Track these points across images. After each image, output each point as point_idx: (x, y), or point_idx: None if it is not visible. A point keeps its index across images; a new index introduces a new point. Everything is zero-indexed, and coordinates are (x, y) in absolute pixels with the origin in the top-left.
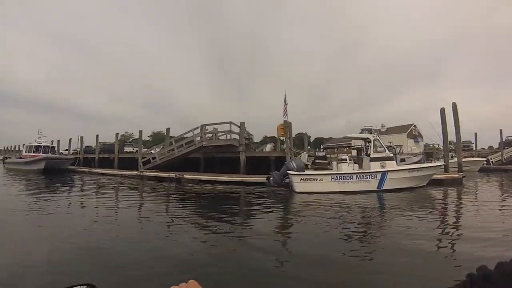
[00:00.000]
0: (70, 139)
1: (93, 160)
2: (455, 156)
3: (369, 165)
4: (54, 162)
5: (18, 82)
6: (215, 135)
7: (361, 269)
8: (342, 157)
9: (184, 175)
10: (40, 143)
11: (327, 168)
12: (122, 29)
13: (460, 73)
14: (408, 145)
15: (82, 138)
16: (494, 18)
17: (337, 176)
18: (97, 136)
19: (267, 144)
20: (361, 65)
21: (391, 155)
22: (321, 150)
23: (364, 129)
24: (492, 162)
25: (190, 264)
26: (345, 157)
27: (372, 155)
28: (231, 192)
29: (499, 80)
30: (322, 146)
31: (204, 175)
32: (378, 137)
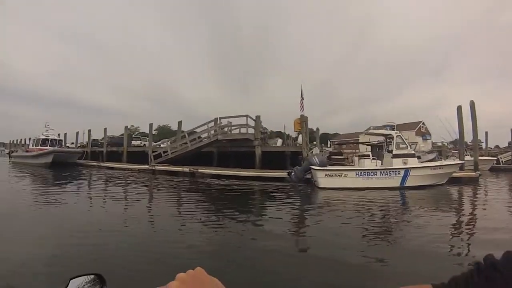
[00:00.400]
0: (77, 132)
1: (101, 154)
2: (467, 155)
3: (391, 162)
4: (62, 156)
5: (21, 76)
6: (230, 129)
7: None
8: (365, 153)
9: (199, 170)
10: (48, 136)
11: (343, 164)
12: (129, 23)
13: (465, 71)
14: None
15: (90, 131)
16: (501, 15)
17: (362, 172)
18: (105, 129)
19: (278, 139)
20: (367, 62)
21: (413, 152)
22: (329, 146)
23: (387, 125)
24: (502, 162)
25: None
26: (368, 153)
27: (395, 152)
28: (250, 188)
29: (504, 78)
30: (335, 142)
31: (220, 170)
32: (401, 134)
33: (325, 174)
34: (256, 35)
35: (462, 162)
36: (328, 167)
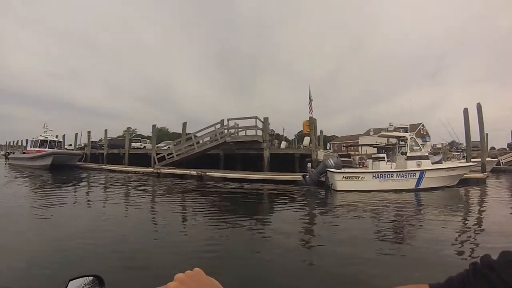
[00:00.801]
0: (77, 134)
1: (101, 156)
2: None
3: (406, 164)
4: (62, 158)
5: (14, 76)
6: (237, 131)
7: None
8: (379, 156)
9: (207, 173)
10: (46, 138)
11: (352, 166)
12: (123, 21)
13: (462, 73)
14: None
15: (89, 133)
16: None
17: (379, 174)
18: (106, 131)
19: (282, 142)
20: (364, 65)
21: (426, 154)
22: (328, 148)
23: (400, 128)
24: (502, 163)
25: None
26: (383, 155)
27: (409, 154)
28: (265, 191)
29: (502, 80)
30: (344, 145)
31: (230, 173)
32: (414, 136)
33: (343, 177)
34: (254, 36)
35: (474, 164)
36: (346, 170)
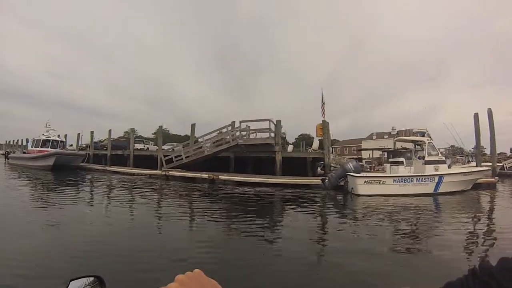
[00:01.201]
0: (79, 134)
1: (104, 157)
2: (472, 161)
3: (424, 168)
4: (65, 159)
5: (12, 75)
6: (248, 133)
7: None
8: (398, 160)
9: (220, 176)
10: (49, 137)
11: (363, 170)
12: (122, 22)
13: (462, 76)
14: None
15: (92, 133)
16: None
17: (399, 179)
18: (110, 131)
19: (290, 145)
20: (363, 68)
21: (444, 159)
22: (331, 152)
23: (417, 132)
24: (506, 168)
25: None
26: (401, 160)
27: (427, 158)
28: (283, 196)
29: (502, 85)
30: (355, 149)
31: (243, 176)
32: (432, 140)
33: (364, 181)
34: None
35: (488, 169)
36: (367, 174)
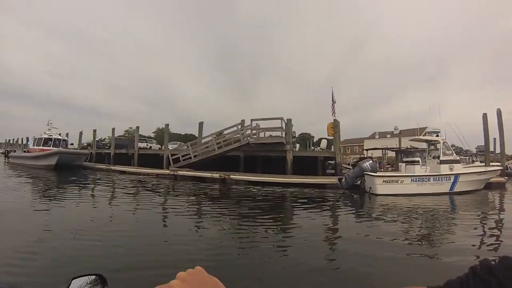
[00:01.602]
0: (81, 132)
1: (107, 156)
2: (476, 161)
3: (439, 168)
4: (68, 158)
5: (12, 75)
6: (258, 132)
7: None
8: (414, 159)
9: (231, 175)
10: (51, 135)
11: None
12: (122, 22)
13: (461, 77)
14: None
15: (95, 132)
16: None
17: (417, 178)
18: (113, 130)
19: (297, 145)
20: (363, 68)
21: (458, 158)
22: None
23: (432, 132)
24: (510, 168)
25: None
26: (417, 159)
27: (442, 158)
28: (302, 196)
29: (502, 85)
30: (364, 148)
31: (256, 176)
32: (446, 140)
33: (383, 181)
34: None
35: (500, 168)
36: (386, 174)
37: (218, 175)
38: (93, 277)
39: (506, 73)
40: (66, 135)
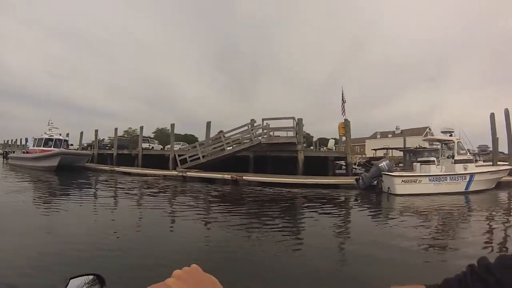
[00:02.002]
0: (82, 133)
1: (109, 157)
2: (479, 160)
3: (454, 167)
4: (70, 159)
5: (12, 75)
6: (268, 132)
7: None
8: (429, 159)
9: (243, 176)
10: (52, 136)
11: None
12: (122, 22)
13: (461, 77)
14: None
15: (97, 132)
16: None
17: (434, 178)
18: (116, 130)
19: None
20: (363, 68)
21: (472, 158)
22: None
23: (445, 131)
24: None
25: None
26: (432, 159)
27: (456, 157)
28: (318, 197)
29: (502, 85)
30: (373, 148)
31: (269, 177)
32: (460, 140)
33: (402, 181)
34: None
35: (510, 168)
36: (404, 173)
37: (230, 176)
38: (91, 277)
39: (506, 73)
40: (67, 135)
